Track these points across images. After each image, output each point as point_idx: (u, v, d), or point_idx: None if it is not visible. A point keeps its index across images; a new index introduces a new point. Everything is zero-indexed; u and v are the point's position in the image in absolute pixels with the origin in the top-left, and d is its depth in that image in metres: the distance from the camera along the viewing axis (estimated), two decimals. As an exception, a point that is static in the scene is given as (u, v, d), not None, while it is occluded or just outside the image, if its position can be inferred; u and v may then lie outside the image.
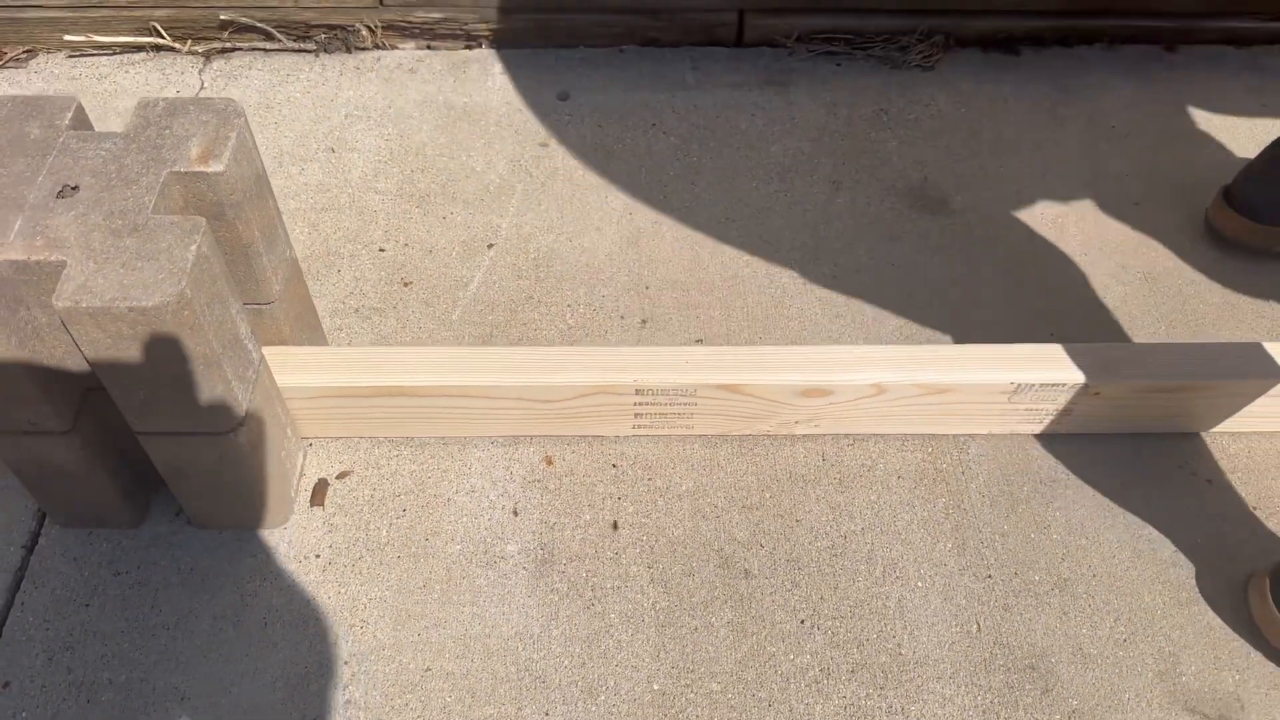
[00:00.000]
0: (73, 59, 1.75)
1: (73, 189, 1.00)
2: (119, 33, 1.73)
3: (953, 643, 1.15)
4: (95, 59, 1.75)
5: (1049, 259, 1.51)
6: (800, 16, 1.77)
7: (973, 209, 1.57)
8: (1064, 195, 1.60)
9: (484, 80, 1.74)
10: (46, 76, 1.72)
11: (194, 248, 0.95)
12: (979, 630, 1.16)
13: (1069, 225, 1.56)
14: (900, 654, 1.14)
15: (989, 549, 1.23)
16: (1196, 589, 1.20)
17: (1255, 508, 1.26)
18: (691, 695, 1.11)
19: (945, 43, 1.79)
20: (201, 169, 1.02)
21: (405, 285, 1.46)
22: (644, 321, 1.43)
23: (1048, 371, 1.22)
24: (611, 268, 1.49)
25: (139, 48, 1.75)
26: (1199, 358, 1.25)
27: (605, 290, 1.46)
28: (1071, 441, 1.31)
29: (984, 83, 1.76)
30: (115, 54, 1.75)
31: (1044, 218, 1.57)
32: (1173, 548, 1.23)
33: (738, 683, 1.12)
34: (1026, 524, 1.25)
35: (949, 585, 1.20)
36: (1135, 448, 1.31)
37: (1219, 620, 1.17)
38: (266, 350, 1.18)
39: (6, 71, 1.73)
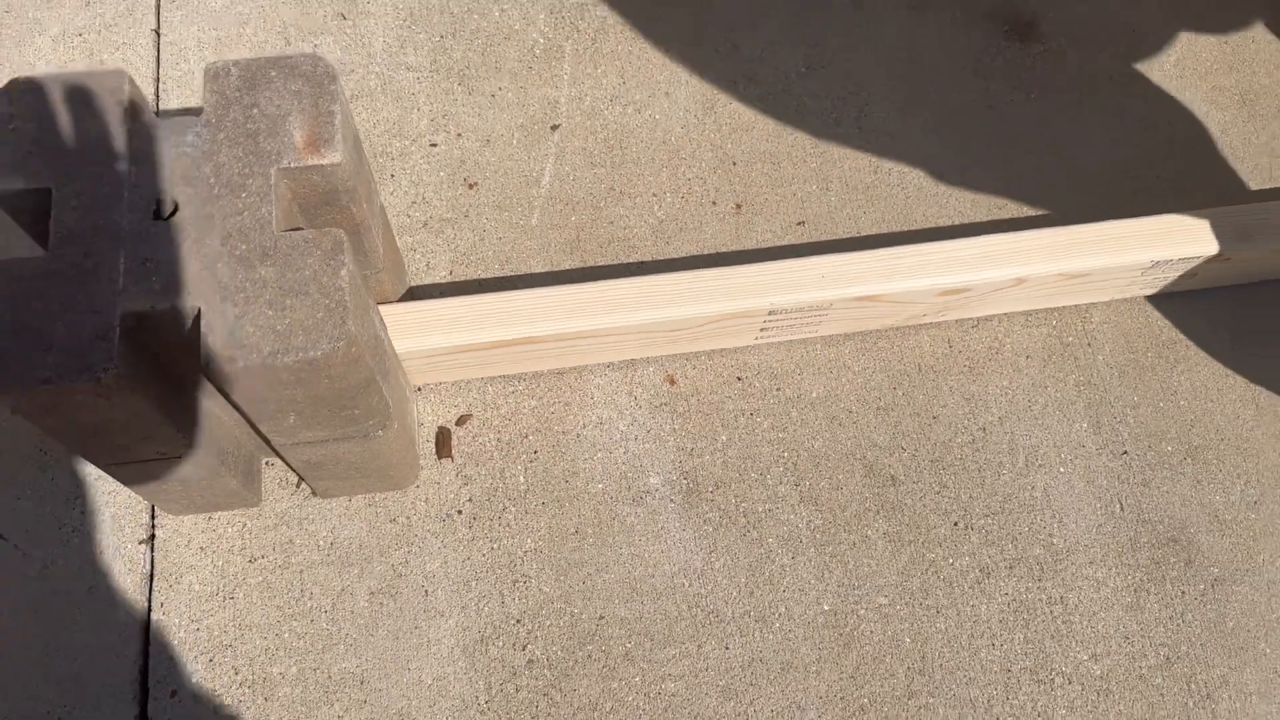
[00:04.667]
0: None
1: (171, 206, 0.84)
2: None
3: (1099, 525, 1.19)
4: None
5: (1145, 88, 1.43)
6: None
7: (1063, 30, 1.45)
8: (1153, 3, 1.48)
9: (496, -96, 1.49)
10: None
11: (344, 271, 0.82)
12: (1121, 509, 1.20)
13: (1160, 42, 1.46)
14: (1052, 544, 1.18)
15: (1122, 424, 1.24)
16: (1317, 443, 1.24)
17: (1364, 350, 1.29)
18: (862, 611, 1.15)
19: None
20: (315, 161, 0.86)
21: (470, 187, 1.32)
22: (738, 206, 1.33)
23: (1185, 247, 1.19)
24: (691, 142, 1.36)
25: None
26: (1331, 213, 1.22)
27: (689, 170, 1.34)
28: (1186, 299, 1.30)
29: None
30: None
31: (1135, 34, 1.46)
32: (1292, 402, 1.26)
33: (904, 593, 1.15)
34: (1155, 393, 1.26)
35: (1089, 467, 1.22)
36: (1246, 298, 1.31)
37: (1340, 473, 1.23)
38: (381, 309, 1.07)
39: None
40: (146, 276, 0.81)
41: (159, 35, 1.38)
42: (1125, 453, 1.23)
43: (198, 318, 0.81)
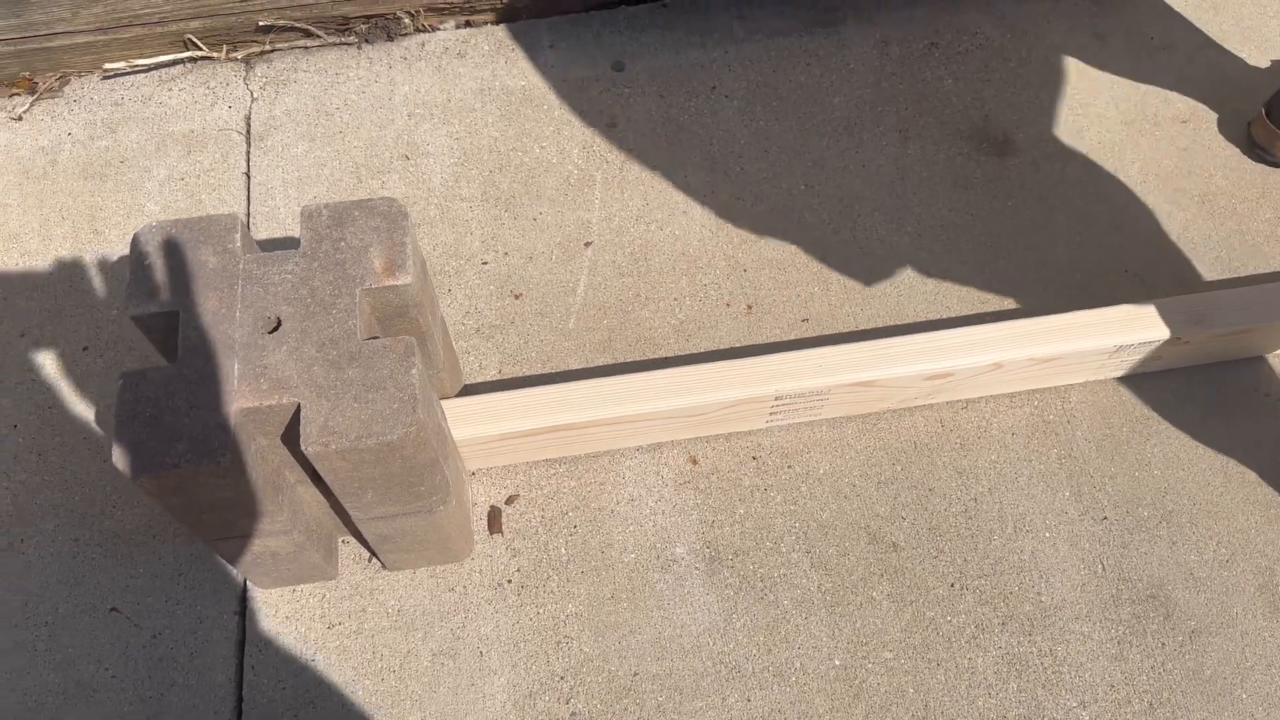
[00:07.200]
0: (109, 80, 1.70)
1: (276, 322, 1.04)
2: (155, 51, 1.67)
3: (1083, 584, 1.32)
4: (132, 78, 1.70)
5: (1112, 191, 1.60)
6: (838, -50, 1.76)
7: (1035, 145, 1.64)
8: (1116, 119, 1.67)
9: (535, 57, 1.73)
10: (88, 104, 1.67)
11: (414, 371, 1.01)
12: (1103, 570, 1.33)
13: (1125, 152, 1.64)
14: (1041, 602, 1.31)
15: (1101, 492, 1.38)
16: (1282, 506, 1.37)
17: (1323, 421, 1.42)
18: (870, 666, 1.28)
19: (982, -39, 1.79)
20: (391, 283, 1.06)
21: (516, 298, 1.51)
22: (749, 307, 1.51)
23: (1144, 332, 1.34)
24: (707, 253, 1.55)
25: (176, 61, 1.70)
26: (1272, 299, 1.37)
27: (705, 278, 1.53)
28: (1157, 379, 1.45)
29: (1024, 1, 1.79)
30: (152, 71, 1.70)
31: (1101, 147, 1.65)
32: (1256, 470, 1.39)
33: (907, 648, 1.29)
34: (1130, 464, 1.39)
35: (1073, 531, 1.35)
36: (1211, 376, 1.45)
37: (1304, 532, 1.35)
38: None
39: (45, 102, 1.68)
40: (256, 379, 1.01)
41: (249, 178, 1.61)
42: (1105, 518, 1.36)
43: (297, 411, 0.99)
